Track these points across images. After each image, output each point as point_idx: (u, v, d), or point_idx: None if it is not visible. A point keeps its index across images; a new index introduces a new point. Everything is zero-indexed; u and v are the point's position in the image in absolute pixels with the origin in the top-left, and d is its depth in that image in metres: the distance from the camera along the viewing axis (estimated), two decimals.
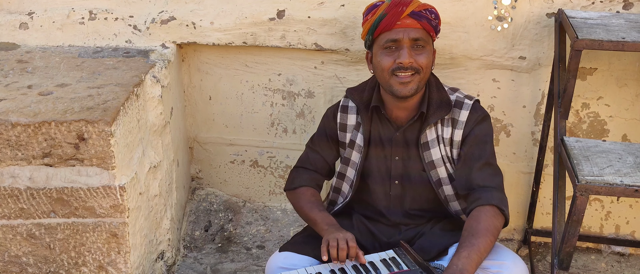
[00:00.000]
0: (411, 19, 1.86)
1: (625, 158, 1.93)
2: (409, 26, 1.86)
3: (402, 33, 1.86)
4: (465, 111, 1.95)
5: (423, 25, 1.87)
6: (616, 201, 2.65)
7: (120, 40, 2.55)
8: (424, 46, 1.89)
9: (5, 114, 1.92)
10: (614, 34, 2.04)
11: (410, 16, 1.86)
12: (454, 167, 1.97)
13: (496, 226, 1.83)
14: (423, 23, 1.87)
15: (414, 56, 1.87)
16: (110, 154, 1.92)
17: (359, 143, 2.04)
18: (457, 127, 1.96)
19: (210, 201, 2.93)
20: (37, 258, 2.06)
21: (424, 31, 1.88)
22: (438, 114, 1.94)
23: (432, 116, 1.95)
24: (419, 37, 1.87)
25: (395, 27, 1.86)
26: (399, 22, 1.86)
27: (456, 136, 1.96)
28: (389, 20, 1.86)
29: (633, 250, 2.69)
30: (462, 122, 1.95)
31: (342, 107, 2.09)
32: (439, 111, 1.95)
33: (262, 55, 2.63)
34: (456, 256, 1.75)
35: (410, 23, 1.86)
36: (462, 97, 1.99)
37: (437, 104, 1.96)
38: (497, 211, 1.86)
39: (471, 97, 1.99)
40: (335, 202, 2.16)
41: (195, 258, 2.67)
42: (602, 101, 2.49)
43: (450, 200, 2.01)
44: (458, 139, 1.96)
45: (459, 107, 1.96)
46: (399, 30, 1.86)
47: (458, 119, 1.96)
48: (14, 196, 1.97)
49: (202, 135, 2.86)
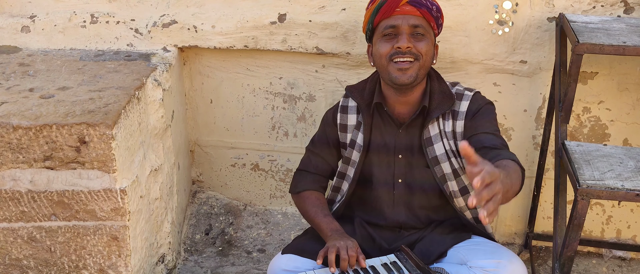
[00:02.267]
0: (410, 6, 1.86)
1: (627, 162, 1.93)
2: (408, 13, 1.86)
3: (401, 19, 1.86)
4: (466, 102, 1.94)
5: (423, 13, 1.87)
6: (617, 205, 2.65)
7: (122, 44, 2.55)
8: (424, 34, 1.88)
9: (6, 117, 1.92)
10: (615, 38, 2.04)
11: (410, 3, 1.86)
12: (459, 160, 1.95)
13: (519, 177, 1.71)
14: (423, 10, 1.87)
15: (413, 42, 1.86)
16: (111, 157, 1.93)
17: (360, 143, 2.03)
18: (458, 118, 1.94)
19: (211, 204, 2.93)
20: (37, 261, 2.06)
21: (423, 19, 1.88)
22: (440, 108, 1.93)
23: (435, 110, 1.93)
24: (418, 24, 1.87)
25: (394, 14, 1.87)
26: (398, 8, 1.86)
27: (458, 128, 1.94)
28: (388, 6, 1.87)
29: (634, 254, 2.69)
30: (462, 113, 1.94)
31: (341, 107, 2.08)
32: (441, 104, 1.93)
33: (263, 58, 2.63)
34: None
35: (410, 10, 1.86)
36: (462, 89, 1.98)
37: (439, 97, 1.94)
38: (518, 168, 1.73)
39: (471, 89, 1.99)
40: (333, 201, 2.16)
41: (195, 262, 2.67)
42: (603, 105, 2.49)
43: (455, 196, 1.99)
44: (460, 131, 1.94)
45: (459, 99, 1.95)
46: (398, 17, 1.87)
47: (458, 111, 1.94)
48: (15, 199, 1.97)
49: (203, 138, 2.86)
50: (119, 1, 2.52)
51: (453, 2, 2.38)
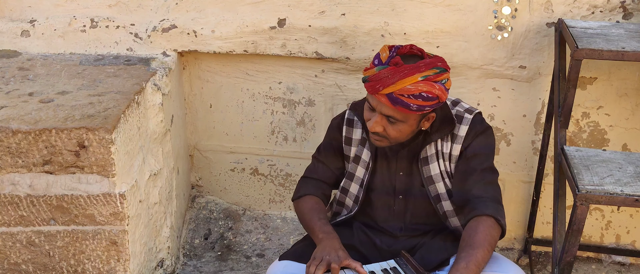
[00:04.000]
0: (386, 98, 1.77)
1: (626, 168, 1.93)
2: (384, 103, 1.78)
3: (377, 104, 1.81)
4: (465, 126, 1.92)
5: (398, 109, 1.78)
6: (617, 210, 2.65)
7: (122, 48, 2.55)
8: (397, 121, 1.82)
9: (6, 121, 1.92)
10: (614, 43, 2.05)
11: (387, 97, 1.77)
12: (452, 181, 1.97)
13: (493, 237, 1.82)
14: (397, 108, 1.76)
15: (386, 125, 1.82)
16: (110, 162, 1.92)
17: (365, 159, 2.02)
18: (456, 142, 1.93)
19: (210, 209, 2.93)
20: (36, 266, 2.05)
21: (399, 113, 1.80)
22: (441, 132, 1.92)
23: (435, 133, 1.92)
24: (391, 115, 1.80)
25: (374, 95, 1.80)
26: (376, 94, 1.79)
27: (454, 151, 1.94)
28: (369, 87, 1.80)
29: (633, 260, 2.69)
30: (461, 137, 1.93)
31: (347, 120, 2.06)
32: (441, 129, 1.92)
33: (262, 63, 2.63)
34: (454, 268, 1.74)
35: (385, 101, 1.77)
36: (463, 111, 1.95)
37: (440, 123, 1.93)
38: (493, 221, 1.84)
39: (472, 111, 1.95)
40: (338, 214, 2.16)
41: (194, 266, 2.67)
42: (602, 111, 2.49)
43: (449, 216, 1.99)
44: (456, 154, 1.94)
45: (458, 122, 1.93)
46: (376, 101, 1.81)
47: (457, 134, 1.93)
48: (14, 203, 1.97)
49: (203, 143, 2.86)
50: (119, 6, 2.52)
51: (452, 7, 2.38)
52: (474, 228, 1.83)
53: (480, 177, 1.91)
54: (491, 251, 1.80)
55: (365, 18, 2.43)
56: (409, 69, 1.73)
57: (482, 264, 1.76)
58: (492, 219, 1.85)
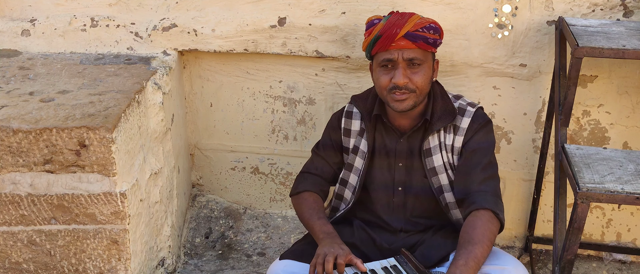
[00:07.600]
0: (406, 40, 1.85)
1: (626, 166, 1.93)
2: (404, 47, 1.85)
3: (397, 53, 1.86)
4: (467, 118, 1.96)
5: (419, 45, 1.86)
6: (617, 208, 2.65)
7: (122, 47, 2.55)
8: (421, 64, 1.88)
9: (6, 121, 1.92)
10: (615, 41, 2.04)
11: (405, 38, 1.85)
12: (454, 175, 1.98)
13: (492, 231, 1.84)
14: (419, 43, 1.86)
15: (410, 76, 1.87)
16: (111, 161, 1.93)
17: (363, 149, 2.05)
18: (458, 134, 1.97)
19: (211, 207, 2.93)
20: (37, 265, 2.06)
21: (420, 50, 1.88)
22: (442, 121, 1.95)
23: (436, 123, 1.95)
24: (414, 57, 1.86)
25: (390, 48, 1.86)
26: (393, 43, 1.85)
27: (457, 143, 1.97)
28: (383, 42, 1.86)
29: (634, 258, 2.69)
30: (463, 129, 1.96)
31: (346, 112, 2.10)
32: (442, 118, 1.96)
33: (263, 62, 2.63)
34: (453, 265, 1.74)
35: (405, 44, 1.85)
36: (465, 104, 2.00)
37: (441, 113, 1.96)
38: (492, 215, 1.86)
39: (474, 105, 2.00)
40: (337, 209, 2.16)
41: (195, 265, 2.67)
42: (603, 109, 2.49)
43: (451, 208, 2.00)
44: (458, 146, 1.97)
45: (461, 115, 1.97)
46: (394, 51, 1.86)
47: (459, 126, 1.97)
48: (15, 203, 1.97)
49: (203, 142, 2.86)
50: (119, 5, 2.52)
51: (453, 5, 2.38)
52: (472, 223, 1.84)
53: (480, 171, 1.94)
54: (490, 246, 1.81)
55: (366, 16, 2.42)
56: (407, 13, 1.91)
57: (481, 260, 1.77)
58: (490, 213, 1.86)
